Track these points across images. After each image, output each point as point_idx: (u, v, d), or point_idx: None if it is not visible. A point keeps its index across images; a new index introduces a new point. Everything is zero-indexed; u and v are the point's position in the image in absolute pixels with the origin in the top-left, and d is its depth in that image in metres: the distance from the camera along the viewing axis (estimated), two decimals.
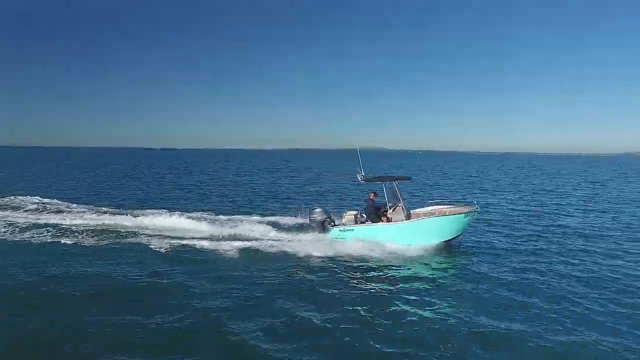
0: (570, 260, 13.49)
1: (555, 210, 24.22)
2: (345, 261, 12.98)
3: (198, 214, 18.77)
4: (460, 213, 14.38)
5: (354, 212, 15.76)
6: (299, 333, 8.22)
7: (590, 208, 25.44)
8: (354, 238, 14.27)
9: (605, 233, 17.88)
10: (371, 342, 7.84)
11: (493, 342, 7.93)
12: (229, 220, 17.71)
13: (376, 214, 15.09)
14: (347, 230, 14.50)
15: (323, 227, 15.55)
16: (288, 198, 27.79)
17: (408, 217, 14.79)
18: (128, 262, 12.42)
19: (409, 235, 14.21)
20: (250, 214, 19.63)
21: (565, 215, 22.44)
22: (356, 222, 15.19)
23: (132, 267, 11.98)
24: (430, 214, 14.78)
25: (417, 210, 15.69)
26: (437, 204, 16.05)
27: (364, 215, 15.26)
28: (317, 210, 15.87)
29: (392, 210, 14.86)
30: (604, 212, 23.81)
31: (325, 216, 15.70)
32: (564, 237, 16.89)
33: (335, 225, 15.19)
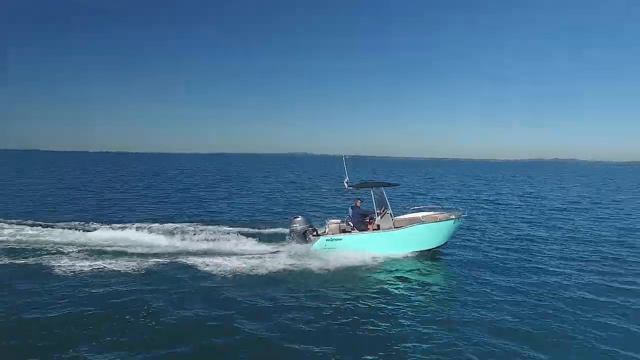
0: (549, 267, 13.47)
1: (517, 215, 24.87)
2: (331, 274, 11.87)
3: (161, 226, 16.81)
4: (450, 219, 13.90)
5: (338, 221, 14.77)
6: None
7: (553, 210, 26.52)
8: (343, 248, 13.25)
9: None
10: None
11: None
12: (200, 231, 16.00)
13: (362, 221, 14.22)
14: (335, 239, 13.45)
15: (304, 237, 14.41)
16: (262, 206, 26.00)
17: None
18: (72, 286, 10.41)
19: (401, 243, 13.48)
20: (222, 224, 17.95)
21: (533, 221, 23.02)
22: (341, 231, 14.20)
23: (90, 289, 10.02)
24: (418, 221, 14.17)
25: (399, 217, 15.02)
26: (420, 210, 15.53)
27: (350, 223, 14.31)
28: (297, 219, 14.71)
29: (380, 218, 14.04)
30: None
31: (306, 225, 14.58)
32: (539, 242, 17.08)
33: (319, 235, 14.08)
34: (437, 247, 14.13)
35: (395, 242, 13.47)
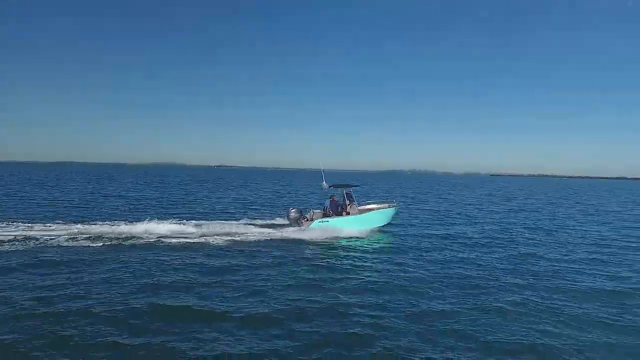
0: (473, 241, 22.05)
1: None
2: (322, 243, 18.50)
3: (195, 222, 21.71)
4: (393, 207, 21.63)
5: (319, 210, 21.47)
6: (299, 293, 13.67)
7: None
8: (330, 225, 19.98)
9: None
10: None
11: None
12: (223, 224, 21.22)
13: (337, 210, 21.15)
14: (324, 222, 20.12)
15: (297, 222, 20.77)
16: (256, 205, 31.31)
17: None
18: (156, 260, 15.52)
19: (365, 223, 20.71)
20: (237, 219, 23.56)
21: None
22: (323, 217, 20.87)
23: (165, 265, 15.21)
24: (371, 209, 21.54)
25: (359, 207, 22.26)
26: (369, 203, 22.98)
27: (330, 210, 21.10)
28: (293, 210, 21.11)
29: (350, 207, 21.12)
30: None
31: (299, 214, 21.02)
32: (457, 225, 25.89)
33: (309, 220, 20.57)
34: (385, 225, 21.72)
35: (361, 222, 20.66)
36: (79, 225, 19.41)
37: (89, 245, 15.94)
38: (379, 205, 22.29)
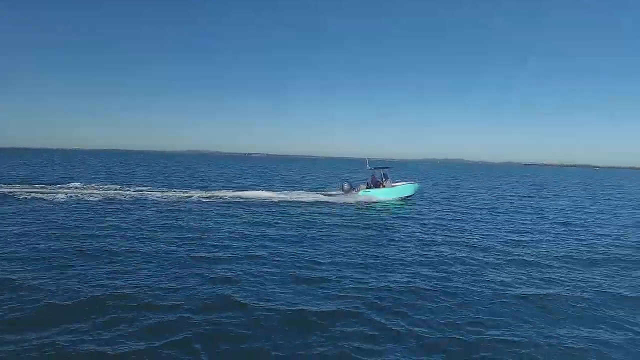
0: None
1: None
2: (365, 204, 28.51)
3: (283, 190, 32.41)
4: (416, 183, 31.42)
5: (364, 184, 31.62)
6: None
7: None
8: (371, 194, 30.09)
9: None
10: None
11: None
12: (297, 193, 31.85)
13: (377, 184, 31.18)
14: (367, 192, 30.27)
15: (349, 192, 30.98)
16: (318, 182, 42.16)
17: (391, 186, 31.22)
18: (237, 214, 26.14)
19: (396, 193, 30.63)
20: (306, 191, 34.19)
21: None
22: (367, 188, 30.97)
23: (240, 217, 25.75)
24: (402, 184, 31.34)
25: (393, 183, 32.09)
26: (400, 180, 32.77)
27: (371, 185, 31.18)
28: (346, 184, 31.42)
29: (385, 182, 31.07)
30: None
31: (350, 187, 31.27)
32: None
33: (359, 190, 30.74)
34: (410, 196, 31.52)
35: (392, 193, 30.57)
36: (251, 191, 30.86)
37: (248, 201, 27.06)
38: (405, 182, 32.06)
